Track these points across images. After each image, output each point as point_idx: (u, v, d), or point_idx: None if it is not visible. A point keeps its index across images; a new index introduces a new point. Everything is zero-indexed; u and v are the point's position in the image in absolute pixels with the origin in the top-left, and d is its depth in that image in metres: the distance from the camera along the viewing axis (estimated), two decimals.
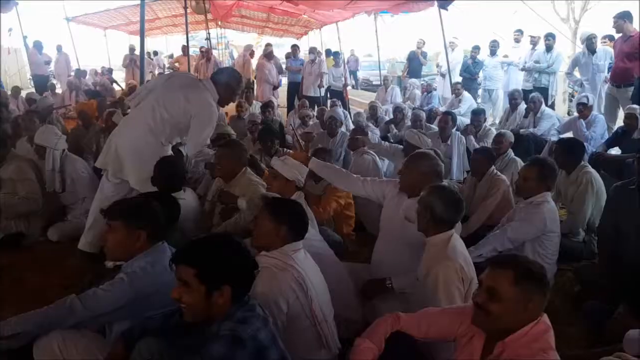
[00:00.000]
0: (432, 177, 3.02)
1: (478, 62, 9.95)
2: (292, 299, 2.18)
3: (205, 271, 1.75)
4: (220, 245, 1.82)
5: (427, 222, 2.53)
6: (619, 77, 6.46)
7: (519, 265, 1.76)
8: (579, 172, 4.01)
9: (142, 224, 2.24)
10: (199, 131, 3.57)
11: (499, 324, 1.76)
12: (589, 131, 5.89)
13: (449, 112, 6.21)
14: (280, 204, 2.42)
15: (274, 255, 2.24)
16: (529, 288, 1.71)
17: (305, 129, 7.14)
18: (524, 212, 3.33)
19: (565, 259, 3.58)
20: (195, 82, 3.73)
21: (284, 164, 3.20)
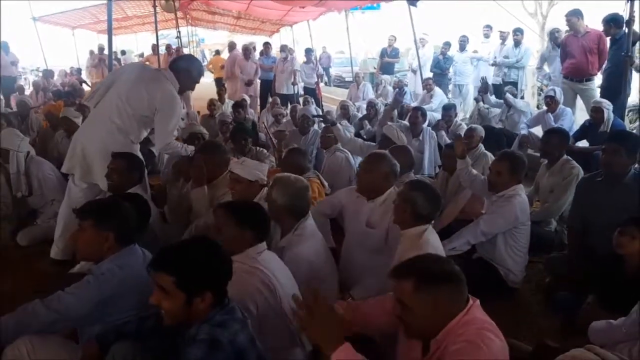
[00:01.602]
0: (391, 177, 3.04)
1: (448, 58, 10.03)
2: (260, 300, 2.17)
3: (185, 279, 1.71)
4: (199, 252, 1.77)
5: (407, 215, 2.56)
6: (578, 72, 6.60)
7: (417, 270, 1.70)
8: (564, 165, 4.06)
9: (110, 226, 2.20)
10: (164, 124, 3.50)
11: (420, 330, 1.72)
12: (557, 124, 5.98)
13: (419, 107, 6.24)
14: (242, 208, 2.39)
15: (239, 259, 2.22)
16: (432, 290, 1.66)
17: (278, 127, 7.10)
18: (496, 206, 3.36)
19: (537, 248, 3.62)
20: (154, 74, 3.64)
21: (243, 166, 3.18)
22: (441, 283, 1.67)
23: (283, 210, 2.72)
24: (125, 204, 2.35)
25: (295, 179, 2.83)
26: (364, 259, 3.02)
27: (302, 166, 3.89)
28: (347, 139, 4.64)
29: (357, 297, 2.84)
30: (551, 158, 4.15)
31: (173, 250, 1.79)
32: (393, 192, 3.00)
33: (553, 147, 4.12)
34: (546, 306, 3.22)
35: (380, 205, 3.00)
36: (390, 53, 11.76)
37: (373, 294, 2.81)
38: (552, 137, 4.20)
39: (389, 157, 3.10)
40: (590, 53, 6.47)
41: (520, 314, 3.14)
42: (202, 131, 5.27)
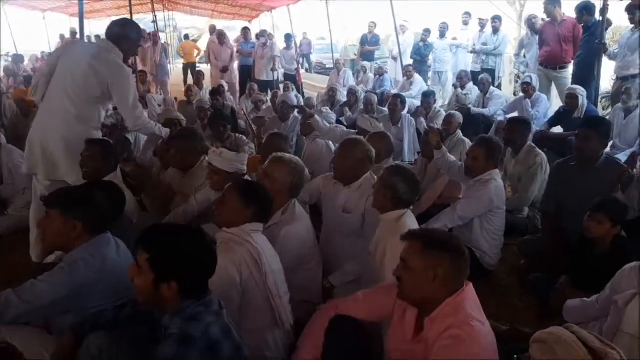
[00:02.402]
0: (367, 162, 3.08)
1: (428, 45, 10.06)
2: (245, 271, 2.20)
3: (157, 260, 1.71)
4: (181, 238, 1.76)
5: (387, 200, 2.60)
6: (553, 60, 6.71)
7: (428, 236, 1.85)
8: (529, 153, 4.13)
9: (78, 215, 2.17)
10: (123, 97, 3.38)
11: (413, 293, 1.82)
12: (533, 110, 6.09)
13: (398, 94, 6.27)
14: (251, 185, 2.51)
15: (233, 231, 2.30)
16: (436, 256, 1.77)
17: (257, 113, 7.07)
18: (472, 190, 3.43)
19: (510, 233, 3.70)
20: (94, 48, 3.49)
21: (222, 158, 3.18)
22: (446, 252, 1.78)
23: (282, 188, 2.77)
24: (97, 192, 2.33)
25: (296, 159, 2.91)
26: (342, 244, 3.07)
27: (284, 151, 3.90)
28: (326, 130, 4.62)
29: (335, 283, 2.92)
30: (515, 146, 4.23)
31: (158, 229, 1.81)
32: (369, 178, 3.05)
33: (516, 135, 4.18)
34: (521, 287, 3.30)
35: (356, 191, 3.04)
36: (371, 40, 11.75)
37: (351, 279, 2.90)
38: (514, 125, 4.28)
39: (363, 142, 3.14)
40: (565, 41, 6.59)
41: (495, 295, 3.22)
42: (179, 117, 5.23)
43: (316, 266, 2.89)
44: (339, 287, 2.90)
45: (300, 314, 2.51)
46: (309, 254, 2.81)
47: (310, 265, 2.84)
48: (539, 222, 3.95)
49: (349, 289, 2.71)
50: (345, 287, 2.86)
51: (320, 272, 2.93)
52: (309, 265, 2.83)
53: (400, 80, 9.75)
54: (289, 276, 2.53)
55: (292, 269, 2.69)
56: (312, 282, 2.86)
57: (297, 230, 2.70)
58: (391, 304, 2.01)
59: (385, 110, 6.73)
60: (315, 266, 2.88)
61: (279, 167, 2.81)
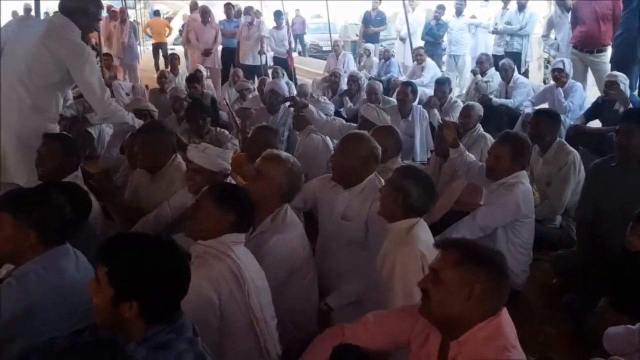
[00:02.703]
0: (372, 162, 3.06)
1: (442, 24, 10.07)
2: (224, 292, 2.20)
3: (117, 274, 1.68)
4: (146, 249, 1.73)
5: (397, 206, 2.57)
6: (589, 41, 6.69)
7: (467, 246, 1.83)
8: (559, 152, 4.11)
9: (32, 221, 2.13)
10: (87, 81, 3.38)
11: (441, 310, 1.80)
12: (566, 101, 6.07)
13: (409, 82, 6.26)
14: (229, 189, 2.49)
15: (210, 244, 2.29)
16: (474, 271, 1.75)
17: (242, 104, 7.04)
18: (495, 195, 3.40)
19: (541, 246, 3.68)
20: (47, 26, 3.46)
21: (205, 154, 3.15)
22: (486, 268, 1.76)
23: (275, 190, 2.76)
24: (56, 194, 2.29)
25: (294, 159, 2.90)
26: (341, 257, 3.05)
27: (274, 147, 3.87)
28: (321, 122, 4.57)
29: (333, 305, 2.90)
30: (542, 143, 4.20)
31: (121, 239, 1.80)
32: (374, 180, 3.03)
33: (543, 130, 4.15)
34: (553, 310, 3.28)
35: (358, 195, 3.02)
36: (375, 18, 11.76)
37: (352, 300, 2.87)
38: (543, 119, 4.24)
39: (368, 138, 3.11)
40: (604, 20, 6.57)
41: (523, 320, 3.16)
42: (150, 108, 5.20)
43: (311, 283, 2.87)
44: (338, 310, 2.87)
45: (291, 342, 2.49)
46: (303, 269, 2.79)
47: (304, 282, 2.82)
48: (574, 233, 3.92)
49: (350, 312, 2.69)
50: (344, 310, 2.83)
51: (315, 290, 2.91)
52: (302, 282, 2.81)
53: (409, 66, 9.75)
54: (278, 295, 2.52)
55: (282, 287, 2.68)
56: (305, 302, 2.84)
57: (289, 240, 2.68)
58: (409, 329, 1.99)
59: (392, 100, 6.73)
60: (309, 283, 2.86)
61: (274, 166, 2.79)
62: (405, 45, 10.45)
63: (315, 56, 17.67)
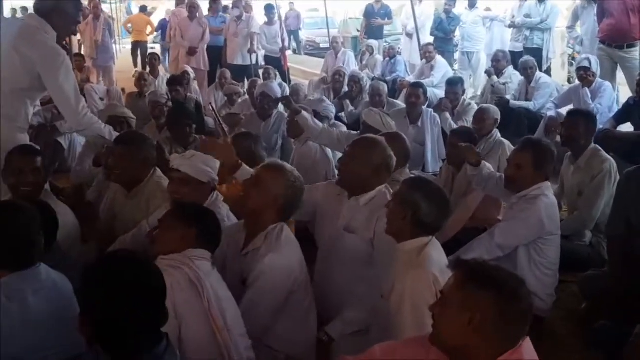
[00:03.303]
0: (383, 172, 3.06)
1: (454, 18, 10.11)
2: (179, 299, 2.24)
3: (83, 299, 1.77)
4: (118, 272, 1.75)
5: (405, 223, 2.55)
6: (618, 36, 6.71)
7: (473, 268, 1.80)
8: (593, 158, 4.11)
9: None
10: (60, 89, 3.42)
11: (444, 337, 1.80)
12: (594, 103, 6.09)
13: (419, 83, 6.26)
14: (193, 207, 2.65)
15: (171, 257, 2.38)
16: (476, 294, 1.73)
17: (231, 109, 7.04)
18: (516, 210, 3.40)
19: (568, 267, 3.66)
20: (19, 26, 3.52)
21: (193, 161, 3.15)
22: (490, 291, 1.73)
23: (272, 204, 2.75)
24: (16, 212, 2.28)
25: (299, 175, 2.91)
26: (342, 277, 3.03)
27: (254, 154, 3.86)
28: (317, 131, 4.48)
29: (334, 335, 2.87)
30: (576, 147, 4.21)
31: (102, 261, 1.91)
32: (384, 192, 3.02)
33: (579, 133, 4.16)
34: (583, 339, 3.26)
35: (364, 206, 3.01)
36: (379, 11, 11.81)
37: (355, 330, 2.86)
38: (578, 119, 4.25)
39: (383, 145, 3.11)
40: (634, 12, 6.60)
41: (549, 350, 3.14)
42: (127, 114, 5.19)
43: (308, 310, 2.86)
44: (340, 341, 2.84)
45: None
46: (300, 293, 2.77)
47: (301, 308, 2.81)
48: (605, 251, 3.91)
49: (354, 342, 2.67)
50: (347, 341, 2.80)
51: (313, 318, 2.90)
52: (298, 309, 2.80)
53: (417, 64, 9.77)
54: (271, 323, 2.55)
55: (276, 313, 2.68)
56: (302, 332, 2.83)
57: (285, 260, 2.67)
58: None
59: (398, 103, 6.75)
60: (307, 310, 2.85)
61: (274, 177, 2.79)
62: (413, 42, 10.49)
63: (312, 54, 17.75)
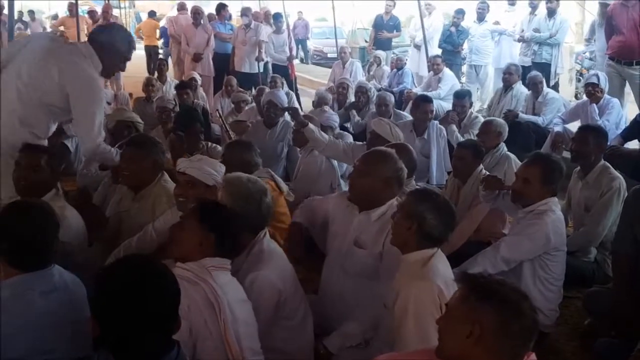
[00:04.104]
0: (394, 185, 3.07)
1: (462, 31, 10.12)
2: (196, 320, 2.22)
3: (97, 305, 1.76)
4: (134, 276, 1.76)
5: (410, 235, 2.57)
6: (628, 53, 6.71)
7: (475, 281, 1.82)
8: (602, 175, 4.12)
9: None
10: (84, 117, 3.48)
11: (447, 350, 1.81)
12: (601, 119, 6.09)
13: (427, 97, 6.26)
14: (214, 208, 2.55)
15: (188, 266, 2.33)
16: (476, 307, 1.74)
17: (237, 116, 7.07)
18: (522, 224, 3.41)
19: (572, 282, 3.68)
20: (68, 48, 3.61)
21: (201, 164, 3.19)
22: (492, 304, 1.73)
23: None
24: (24, 214, 2.31)
25: (247, 179, 2.89)
26: (346, 288, 3.04)
27: (248, 162, 3.87)
28: (323, 144, 4.56)
29: (333, 349, 2.86)
30: (586, 163, 4.22)
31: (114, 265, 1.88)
32: (394, 206, 3.00)
33: (590, 149, 4.16)
34: (584, 356, 3.26)
35: (375, 221, 3.02)
36: (387, 23, 11.83)
37: (352, 344, 2.85)
38: (589, 135, 4.24)
39: (395, 158, 3.11)
40: None
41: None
42: (135, 119, 5.22)
43: (302, 321, 2.86)
44: (339, 355, 2.85)
45: None
46: (290, 304, 2.77)
47: (294, 320, 2.81)
48: (610, 268, 3.90)
49: (353, 355, 2.70)
50: (347, 355, 2.81)
51: (309, 329, 2.90)
52: (292, 321, 2.80)
53: (424, 76, 9.79)
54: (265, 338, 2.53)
55: (269, 328, 2.68)
56: (298, 340, 2.83)
57: (267, 276, 2.66)
58: None
59: (405, 115, 6.75)
60: (301, 321, 2.85)
61: (226, 194, 2.82)
62: (421, 53, 10.50)
63: (319, 64, 17.78)
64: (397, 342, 2.43)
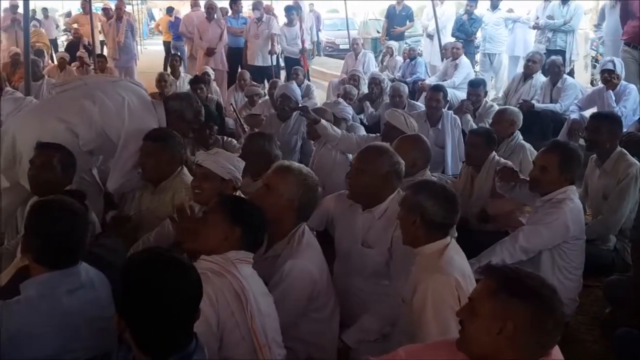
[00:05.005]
0: (393, 179, 3.05)
1: (475, 19, 10.07)
2: (224, 311, 2.23)
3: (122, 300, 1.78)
4: (153, 268, 1.78)
5: (417, 228, 2.56)
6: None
7: (506, 275, 1.79)
8: (619, 162, 4.09)
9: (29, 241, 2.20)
10: (125, 159, 3.67)
11: (473, 346, 1.79)
12: (618, 105, 6.03)
13: (440, 86, 6.21)
14: (240, 202, 2.61)
15: (213, 259, 2.35)
16: (509, 303, 1.72)
17: (251, 110, 7.07)
18: (541, 213, 3.38)
19: (592, 271, 3.65)
20: (145, 102, 3.85)
21: (217, 157, 3.20)
22: (525, 300, 1.71)
23: (288, 207, 2.77)
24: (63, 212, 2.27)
25: (307, 169, 2.94)
26: (361, 288, 3.05)
27: (268, 154, 3.87)
28: (337, 139, 4.60)
29: (351, 343, 2.87)
30: (601, 151, 4.18)
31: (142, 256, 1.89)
32: (397, 199, 2.99)
33: (604, 137, 4.13)
34: (606, 345, 3.24)
35: (379, 218, 3.01)
36: (400, 13, 11.78)
37: (370, 339, 2.86)
38: (602, 123, 4.22)
39: (390, 152, 3.11)
40: None
41: (572, 356, 3.11)
42: None
43: (331, 316, 2.86)
44: (358, 349, 2.84)
45: None
46: (322, 298, 2.78)
47: (323, 313, 2.82)
48: (630, 255, 3.88)
49: (372, 349, 2.67)
50: (365, 349, 2.79)
51: (336, 323, 2.91)
52: (321, 314, 2.80)
53: (437, 65, 9.74)
54: (293, 329, 2.53)
55: (298, 320, 2.68)
56: (324, 334, 2.84)
57: (306, 266, 2.68)
58: None
59: (419, 105, 6.72)
60: (329, 316, 2.85)
61: (283, 179, 2.81)
62: (433, 43, 10.43)
63: (332, 55, 17.74)
64: (416, 336, 2.42)
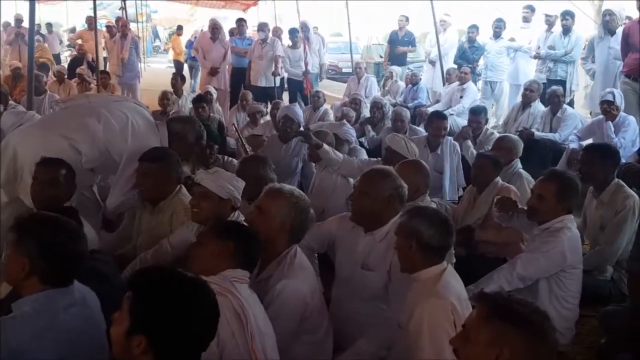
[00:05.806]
0: (395, 203, 3.07)
1: (477, 47, 10.13)
2: (225, 332, 2.21)
3: (136, 303, 1.74)
4: (178, 285, 1.77)
5: (413, 253, 2.58)
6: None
7: (497, 302, 1.80)
8: (617, 194, 4.10)
9: (24, 252, 2.13)
10: (125, 181, 3.69)
11: None
12: (617, 137, 6.07)
13: (441, 114, 6.26)
14: (230, 224, 2.70)
15: (212, 279, 2.31)
16: (503, 330, 1.73)
17: (253, 130, 7.10)
18: (539, 241, 3.40)
19: (589, 301, 3.66)
20: (148, 123, 3.89)
21: (215, 177, 3.21)
22: (519, 327, 1.72)
23: (280, 229, 2.78)
24: (59, 225, 2.26)
25: (298, 192, 2.95)
26: (359, 311, 3.05)
27: (263, 177, 3.86)
28: (338, 163, 4.64)
29: None
30: (596, 183, 4.20)
31: (158, 269, 1.89)
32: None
33: (597, 168, 4.15)
34: None
35: (380, 241, 3.03)
36: (402, 39, 11.86)
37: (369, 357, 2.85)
38: (594, 155, 4.24)
39: (392, 175, 3.14)
40: None
41: None
42: None
43: (324, 338, 2.86)
44: None
45: None
46: (314, 319, 2.78)
47: (317, 335, 2.82)
48: (626, 286, 3.87)
49: None
50: None
51: (330, 346, 2.90)
52: (313, 337, 2.80)
53: (438, 91, 9.78)
54: (285, 353, 2.52)
55: (290, 342, 2.68)
56: (317, 357, 2.83)
57: (298, 286, 2.68)
58: None
59: (420, 130, 6.75)
60: (322, 338, 2.85)
61: (274, 202, 2.83)
62: (435, 69, 10.51)
63: (334, 78, 17.82)
64: None
